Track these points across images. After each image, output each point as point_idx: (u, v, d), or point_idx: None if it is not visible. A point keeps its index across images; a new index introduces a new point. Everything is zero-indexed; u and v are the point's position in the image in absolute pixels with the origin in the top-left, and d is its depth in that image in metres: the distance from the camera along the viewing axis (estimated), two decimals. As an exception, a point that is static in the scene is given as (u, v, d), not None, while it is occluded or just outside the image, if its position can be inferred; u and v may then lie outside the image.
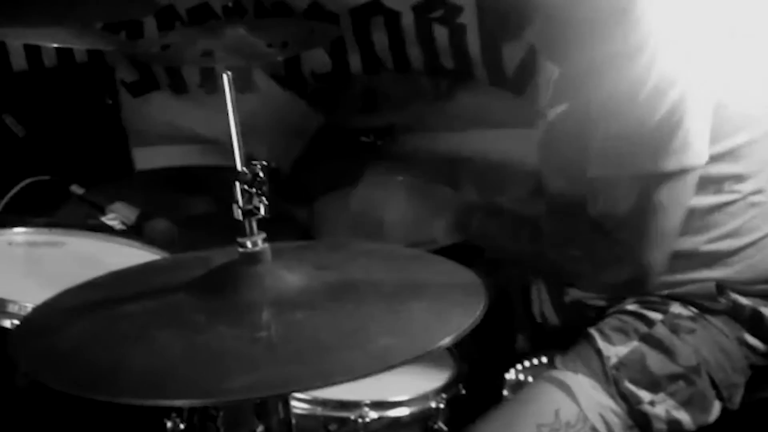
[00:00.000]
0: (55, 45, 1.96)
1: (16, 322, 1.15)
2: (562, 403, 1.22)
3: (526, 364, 1.37)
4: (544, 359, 1.38)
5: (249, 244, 0.92)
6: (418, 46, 2.41)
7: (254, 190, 0.95)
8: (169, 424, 1.22)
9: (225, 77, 1.07)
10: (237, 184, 0.95)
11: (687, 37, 1.17)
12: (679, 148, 1.16)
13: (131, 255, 1.38)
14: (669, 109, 1.14)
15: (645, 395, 1.23)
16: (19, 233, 1.40)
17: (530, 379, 1.36)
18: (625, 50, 1.16)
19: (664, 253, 1.22)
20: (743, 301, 1.31)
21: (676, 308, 1.31)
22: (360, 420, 1.15)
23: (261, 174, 0.96)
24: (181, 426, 1.22)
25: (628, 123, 1.17)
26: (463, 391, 1.25)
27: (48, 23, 1.30)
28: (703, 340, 1.28)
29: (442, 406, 1.20)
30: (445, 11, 2.34)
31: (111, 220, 1.38)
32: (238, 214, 0.94)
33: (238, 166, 0.97)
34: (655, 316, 1.30)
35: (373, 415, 1.16)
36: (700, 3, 1.20)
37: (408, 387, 1.20)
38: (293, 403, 1.11)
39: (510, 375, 1.36)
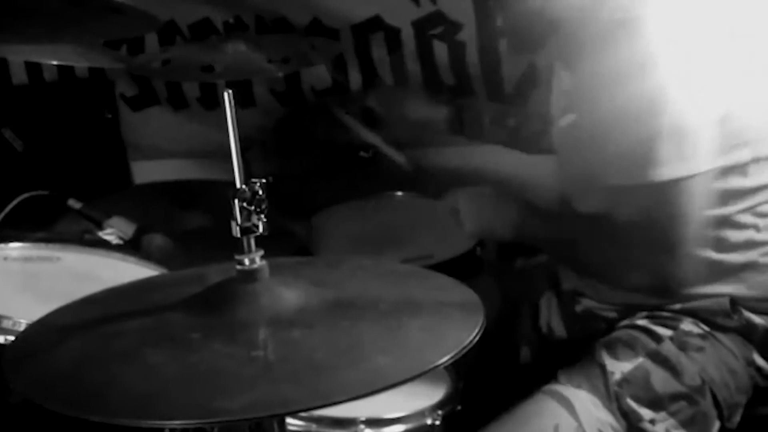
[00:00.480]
0: (56, 63, 1.97)
1: (11, 338, 1.14)
2: (561, 419, 1.21)
3: None
4: None
5: (247, 262, 0.92)
6: (418, 62, 2.42)
7: (253, 207, 0.95)
8: (163, 442, 1.21)
9: (226, 95, 1.07)
10: (236, 201, 0.94)
11: (692, 46, 1.17)
12: (687, 156, 1.16)
13: (127, 270, 1.37)
14: (674, 117, 1.15)
15: (646, 413, 1.22)
16: (15, 248, 1.40)
17: None
18: (632, 62, 1.16)
19: (681, 261, 1.21)
20: (756, 319, 1.30)
21: (686, 325, 1.30)
22: (355, 437, 1.14)
23: (260, 192, 0.96)
24: (175, 444, 1.21)
25: (637, 133, 1.17)
26: (459, 407, 1.24)
27: (49, 40, 1.31)
28: (711, 359, 1.28)
29: (437, 422, 1.19)
30: (445, 28, 2.35)
31: (108, 234, 1.38)
32: (237, 231, 0.94)
33: (238, 184, 0.97)
34: (665, 332, 1.29)
35: (369, 432, 1.15)
36: (706, 13, 1.20)
37: (404, 404, 1.20)
38: (288, 420, 1.10)
39: None
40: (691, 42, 1.18)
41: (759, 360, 1.31)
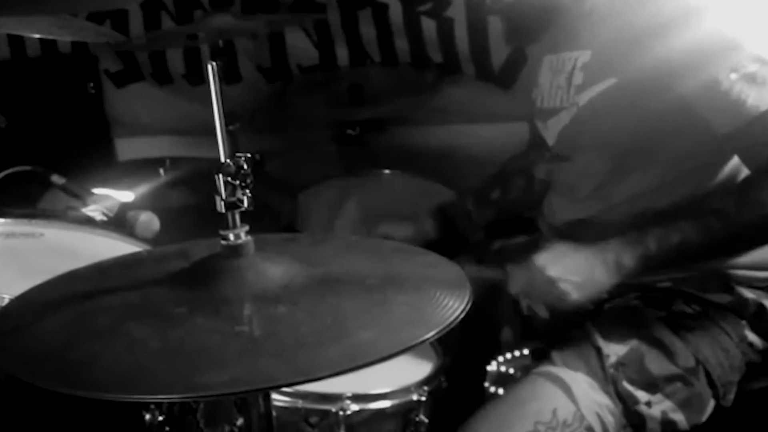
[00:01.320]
0: (38, 36, 1.93)
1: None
2: (559, 402, 1.21)
3: (508, 356, 1.37)
4: (526, 351, 1.37)
5: (231, 237, 0.91)
6: (406, 39, 2.41)
7: (238, 182, 0.94)
8: (147, 417, 1.20)
9: (210, 68, 1.05)
10: (220, 176, 0.94)
11: None
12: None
13: (112, 246, 1.36)
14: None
15: (642, 396, 1.23)
16: (-3, 224, 1.38)
17: (512, 371, 1.35)
18: (672, 13, 1.16)
19: None
20: (748, 294, 1.31)
21: (678, 305, 1.30)
22: (341, 413, 1.15)
23: (245, 166, 0.95)
24: (160, 418, 1.20)
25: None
26: (445, 384, 1.25)
27: (31, 12, 1.28)
28: (704, 339, 1.28)
29: (423, 398, 1.20)
30: (434, 4, 2.34)
31: (92, 211, 1.36)
32: (221, 206, 0.93)
33: (222, 158, 0.96)
34: (657, 313, 1.30)
35: (355, 407, 1.16)
36: None
37: (390, 379, 1.20)
38: (274, 395, 1.11)
39: (492, 367, 1.36)
40: None
41: (751, 336, 1.31)
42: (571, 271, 1.22)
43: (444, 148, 2.49)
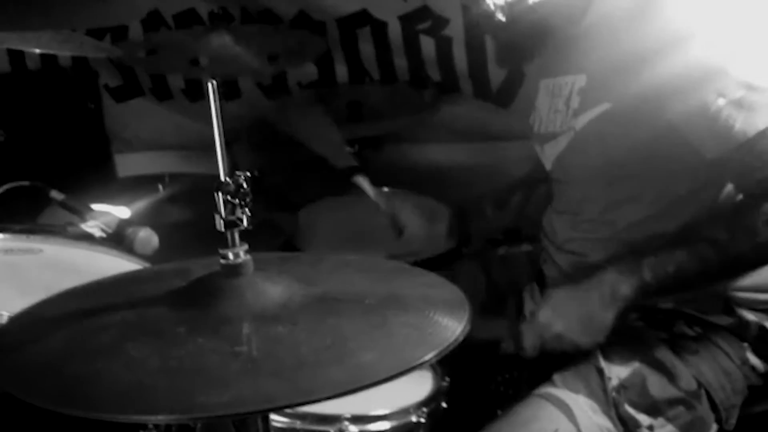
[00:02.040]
0: (38, 51, 1.94)
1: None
2: (560, 423, 1.21)
3: (507, 376, 1.37)
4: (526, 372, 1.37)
5: (231, 256, 0.91)
6: (405, 57, 2.42)
7: (237, 200, 0.94)
8: (145, 436, 1.20)
9: (210, 85, 1.05)
10: (220, 194, 0.94)
11: (721, 16, 1.18)
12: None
13: (111, 263, 1.36)
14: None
15: (644, 419, 1.22)
16: (-4, 240, 1.38)
17: (511, 391, 1.35)
18: (662, 38, 1.17)
19: None
20: (750, 316, 1.31)
21: (680, 327, 1.30)
22: (340, 434, 1.14)
23: (244, 185, 0.95)
24: (158, 438, 1.20)
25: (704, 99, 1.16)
26: (445, 405, 1.24)
27: (31, 27, 1.28)
28: (706, 362, 1.28)
29: (423, 420, 1.19)
30: (432, 23, 2.35)
31: (91, 227, 1.36)
32: (221, 225, 0.93)
33: (222, 176, 0.96)
34: (659, 334, 1.30)
35: (353, 429, 1.15)
36: None
37: (389, 400, 1.19)
38: (272, 416, 1.10)
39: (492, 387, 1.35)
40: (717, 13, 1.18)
41: (753, 359, 1.31)
42: (573, 320, 1.23)
43: (442, 166, 2.49)
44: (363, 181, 1.80)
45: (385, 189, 2.15)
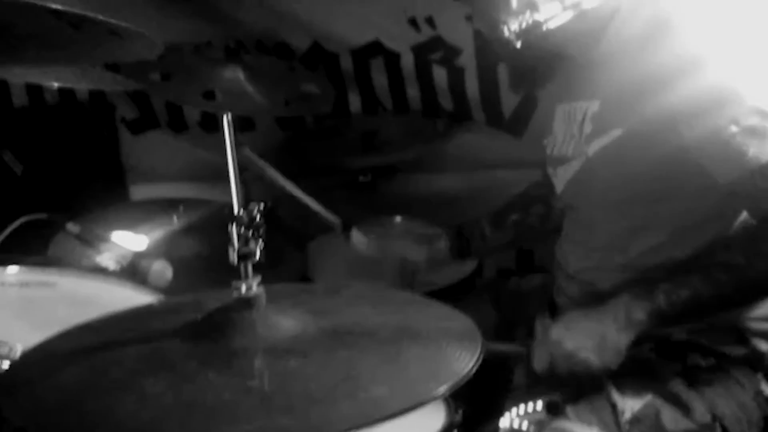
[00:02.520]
0: (56, 85, 1.97)
1: (6, 364, 1.13)
2: None
3: (522, 410, 1.35)
4: (540, 405, 1.35)
5: (244, 289, 0.91)
6: (417, 87, 2.44)
7: (251, 233, 0.94)
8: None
9: (225, 118, 1.06)
10: (233, 226, 0.94)
11: (734, 42, 1.18)
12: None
13: (125, 296, 1.37)
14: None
15: None
16: (12, 273, 1.39)
17: (525, 425, 1.33)
18: (676, 65, 1.17)
19: None
20: (764, 346, 1.29)
21: (693, 358, 1.29)
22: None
23: (258, 217, 0.96)
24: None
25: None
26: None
27: (48, 63, 1.31)
28: (721, 394, 1.26)
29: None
30: (445, 53, 2.37)
31: (106, 259, 1.37)
32: (234, 257, 0.93)
33: (236, 209, 0.97)
34: (672, 366, 1.28)
35: (367, 463, 1.14)
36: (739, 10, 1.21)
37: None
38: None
39: (505, 422, 1.34)
40: (729, 34, 1.18)
41: (767, 389, 1.29)
42: (586, 338, 1.21)
43: (456, 195, 2.49)
44: (358, 238, 1.80)
45: (398, 218, 2.15)
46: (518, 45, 1.31)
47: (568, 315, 1.27)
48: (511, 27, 1.30)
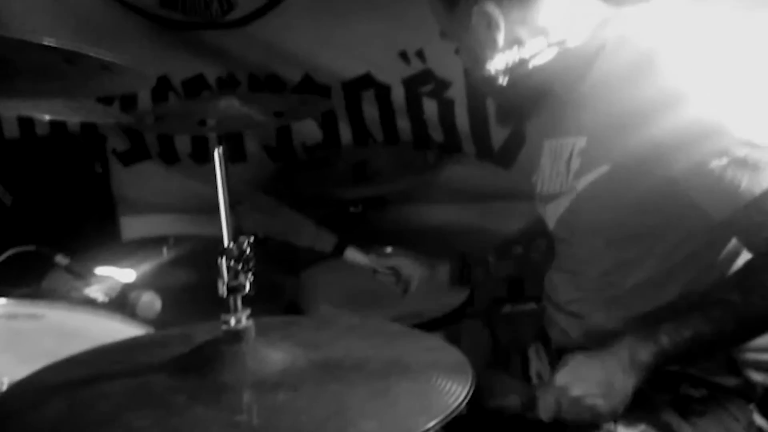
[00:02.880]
0: (48, 118, 1.98)
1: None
2: None
3: None
4: None
5: (233, 322, 0.91)
6: (408, 119, 2.46)
7: (240, 266, 0.94)
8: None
9: (216, 152, 1.07)
10: (223, 259, 0.94)
11: (719, 76, 1.19)
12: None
13: (113, 328, 1.36)
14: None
15: None
16: (-1, 305, 1.38)
17: None
18: (660, 99, 1.18)
19: None
20: (756, 377, 1.29)
21: (685, 388, 1.28)
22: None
23: (248, 250, 0.96)
24: None
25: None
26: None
27: (40, 96, 1.31)
28: (713, 424, 1.25)
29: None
30: (435, 86, 2.40)
31: (94, 291, 1.36)
32: (223, 290, 0.93)
33: (226, 242, 0.97)
34: (664, 396, 1.28)
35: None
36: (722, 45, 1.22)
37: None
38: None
39: None
40: (713, 70, 1.19)
41: (759, 420, 1.28)
42: (593, 383, 1.20)
43: (446, 225, 2.50)
44: (354, 254, 1.81)
45: (389, 248, 2.15)
46: (504, 81, 1.33)
47: (572, 360, 1.26)
48: (497, 64, 1.32)
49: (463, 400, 0.82)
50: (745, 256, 1.25)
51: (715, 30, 1.23)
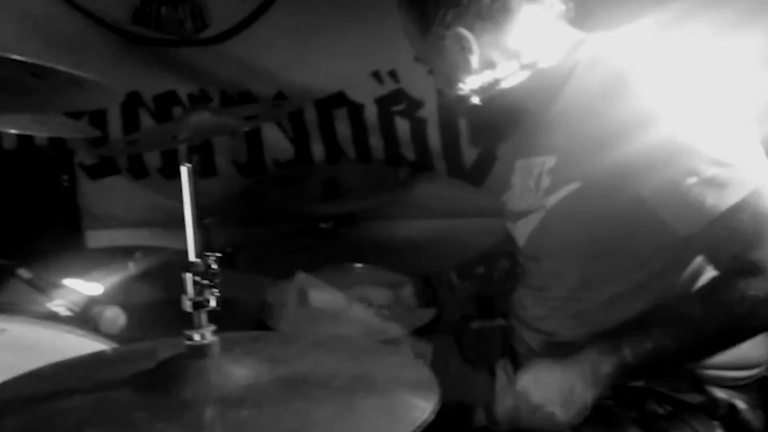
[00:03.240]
0: (17, 132, 1.96)
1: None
2: None
3: None
4: None
5: (197, 337, 0.90)
6: (380, 137, 2.47)
7: (206, 281, 0.94)
8: None
9: (184, 169, 1.07)
10: (189, 275, 0.93)
11: (689, 97, 1.21)
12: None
13: (76, 343, 1.33)
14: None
15: None
16: (-41, 318, 1.35)
17: None
18: (631, 120, 1.20)
19: None
20: (719, 394, 1.30)
21: (651, 405, 1.29)
22: None
23: (214, 265, 0.95)
24: None
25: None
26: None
27: (7, 111, 1.30)
28: None
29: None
30: (407, 105, 2.42)
31: (57, 305, 1.34)
32: (188, 305, 0.92)
33: (191, 257, 0.96)
34: (629, 413, 1.28)
35: None
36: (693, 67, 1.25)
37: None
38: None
39: None
40: (685, 93, 1.22)
41: None
42: (553, 392, 1.20)
43: (416, 242, 2.51)
44: (320, 296, 1.80)
45: (359, 265, 2.15)
46: (477, 102, 1.34)
47: (534, 365, 1.26)
48: (470, 85, 1.33)
49: (429, 416, 0.82)
50: (709, 274, 1.28)
51: (685, 52, 1.26)
